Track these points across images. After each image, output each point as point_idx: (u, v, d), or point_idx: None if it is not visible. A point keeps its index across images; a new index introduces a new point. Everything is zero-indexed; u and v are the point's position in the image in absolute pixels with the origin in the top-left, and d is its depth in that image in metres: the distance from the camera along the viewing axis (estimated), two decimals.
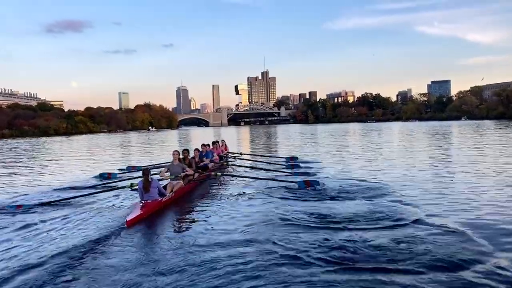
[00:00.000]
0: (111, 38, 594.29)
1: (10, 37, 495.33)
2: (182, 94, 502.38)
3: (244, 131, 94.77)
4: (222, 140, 19.82)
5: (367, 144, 31.96)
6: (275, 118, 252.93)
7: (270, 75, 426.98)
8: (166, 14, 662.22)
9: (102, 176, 14.78)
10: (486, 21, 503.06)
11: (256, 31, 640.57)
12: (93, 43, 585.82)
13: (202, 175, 12.37)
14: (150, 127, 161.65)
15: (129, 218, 7.62)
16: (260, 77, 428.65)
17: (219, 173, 12.72)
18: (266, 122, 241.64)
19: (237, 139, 53.30)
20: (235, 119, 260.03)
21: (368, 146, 29.05)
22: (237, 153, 19.33)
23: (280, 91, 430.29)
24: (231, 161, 17.46)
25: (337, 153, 24.16)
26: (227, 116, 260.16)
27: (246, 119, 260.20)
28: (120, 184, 11.57)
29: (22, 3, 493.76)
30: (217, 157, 16.01)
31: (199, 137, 63.31)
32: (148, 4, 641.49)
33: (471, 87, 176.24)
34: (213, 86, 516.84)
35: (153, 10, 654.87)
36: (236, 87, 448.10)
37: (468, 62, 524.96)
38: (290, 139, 47.37)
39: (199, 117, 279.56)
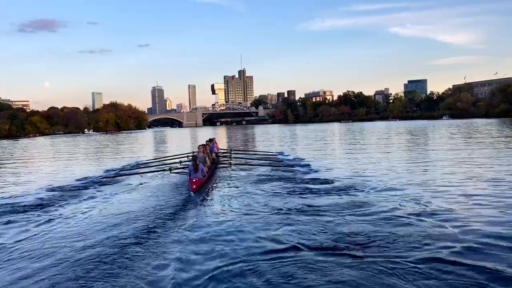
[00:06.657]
0: (86, 38, 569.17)
1: None
2: (157, 94, 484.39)
3: (221, 133, 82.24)
4: (214, 138, 23.86)
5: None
6: (253, 118, 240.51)
7: (247, 74, 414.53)
8: (142, 14, 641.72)
9: None
10: (456, 23, 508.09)
11: (233, 31, 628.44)
12: (68, 43, 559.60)
13: (219, 163, 17.47)
14: (86, 129, 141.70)
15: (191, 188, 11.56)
16: (237, 76, 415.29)
17: (231, 162, 16.76)
18: (244, 122, 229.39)
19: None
20: (211, 120, 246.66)
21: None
22: (229, 149, 23.54)
23: (258, 91, 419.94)
24: (227, 155, 20.79)
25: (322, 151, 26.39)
26: (202, 116, 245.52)
27: (222, 119, 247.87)
28: (161, 167, 15.81)
29: None
30: (216, 151, 20.38)
31: (153, 146, 49.83)
32: (125, 3, 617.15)
33: (453, 85, 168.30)
34: (189, 86, 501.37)
35: (129, 10, 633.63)
36: (212, 86, 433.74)
37: (441, 62, 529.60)
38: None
39: (172, 117, 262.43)
